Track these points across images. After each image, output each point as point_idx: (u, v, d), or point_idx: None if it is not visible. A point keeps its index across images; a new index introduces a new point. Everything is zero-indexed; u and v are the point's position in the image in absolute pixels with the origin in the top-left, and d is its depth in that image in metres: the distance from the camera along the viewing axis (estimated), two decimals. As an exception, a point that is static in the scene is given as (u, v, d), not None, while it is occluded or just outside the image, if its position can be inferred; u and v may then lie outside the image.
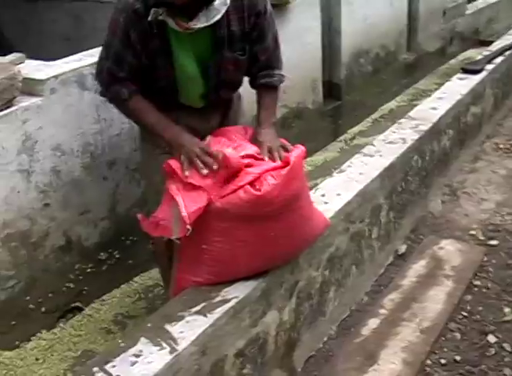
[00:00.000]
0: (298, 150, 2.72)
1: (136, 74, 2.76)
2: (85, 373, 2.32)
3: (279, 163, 2.63)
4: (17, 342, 3.18)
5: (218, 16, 2.65)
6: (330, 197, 3.32)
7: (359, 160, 3.76)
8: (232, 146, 2.69)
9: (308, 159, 5.15)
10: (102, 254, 3.58)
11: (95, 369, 2.30)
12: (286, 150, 2.74)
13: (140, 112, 2.80)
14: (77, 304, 3.42)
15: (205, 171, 2.56)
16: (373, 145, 3.97)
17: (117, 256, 3.64)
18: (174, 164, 2.62)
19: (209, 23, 2.64)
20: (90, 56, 3.37)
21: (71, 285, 3.38)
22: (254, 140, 2.79)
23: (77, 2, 5.79)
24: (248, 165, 2.58)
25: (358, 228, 3.44)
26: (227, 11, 2.68)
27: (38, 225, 3.19)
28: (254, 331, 2.71)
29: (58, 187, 3.24)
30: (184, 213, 2.48)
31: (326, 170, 4.51)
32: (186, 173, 2.58)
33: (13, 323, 3.09)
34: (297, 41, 4.98)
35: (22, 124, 2.95)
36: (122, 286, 3.61)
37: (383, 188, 3.66)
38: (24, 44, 5.82)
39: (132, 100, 2.78)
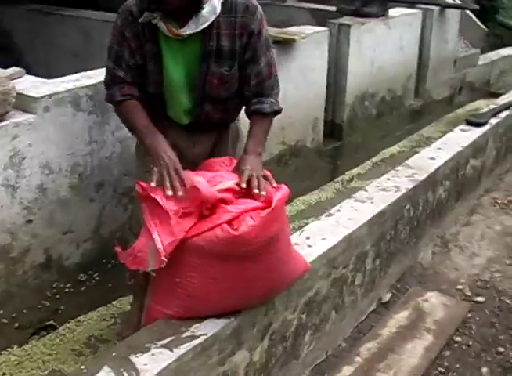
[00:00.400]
0: (282, 191, 2.68)
1: (134, 76, 2.85)
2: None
3: (262, 194, 2.60)
4: None
5: (206, 24, 2.71)
6: (315, 240, 3.30)
7: (349, 205, 3.74)
8: (209, 177, 2.67)
9: (302, 198, 5.15)
10: (82, 274, 3.54)
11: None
12: (268, 182, 2.71)
13: (130, 115, 2.85)
14: (52, 322, 3.39)
15: (169, 193, 2.53)
16: (365, 190, 3.96)
17: (97, 278, 3.61)
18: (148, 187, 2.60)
19: (197, 30, 2.71)
20: (88, 78, 3.37)
21: (47, 303, 3.34)
22: (236, 168, 2.77)
23: (86, 19, 5.83)
24: (225, 200, 2.56)
25: (341, 273, 3.41)
26: (218, 26, 2.76)
27: (19, 241, 3.17)
28: (221, 369, 2.68)
29: (43, 205, 3.21)
30: (159, 245, 2.48)
31: (318, 210, 4.50)
32: (152, 184, 2.57)
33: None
34: (302, 78, 4.98)
35: (11, 140, 2.94)
36: (99, 309, 3.58)
37: (371, 235, 3.63)
38: (33, 54, 5.88)
39: (124, 104, 2.86)
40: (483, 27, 9.04)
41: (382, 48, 6.11)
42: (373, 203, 3.78)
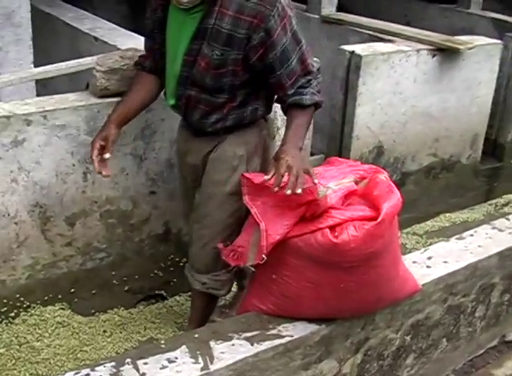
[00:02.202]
0: (393, 201, 2.50)
1: (153, 45, 2.80)
2: (119, 360, 2.37)
3: (298, 192, 2.36)
4: (92, 311, 3.29)
5: None
6: (436, 262, 3.14)
7: (485, 232, 3.52)
8: (324, 172, 2.62)
9: (448, 214, 4.93)
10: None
11: (128, 360, 2.36)
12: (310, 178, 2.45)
13: (129, 86, 2.87)
14: (162, 292, 3.48)
15: (288, 192, 2.35)
16: (507, 219, 3.72)
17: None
18: (261, 178, 2.56)
19: (197, 1, 2.51)
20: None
21: (160, 273, 3.43)
22: (274, 158, 2.51)
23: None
24: (332, 207, 2.49)
25: (459, 301, 3.23)
26: (222, 5, 2.50)
27: (140, 210, 3.26)
28: (304, 374, 2.63)
29: (168, 179, 3.28)
30: (264, 242, 2.46)
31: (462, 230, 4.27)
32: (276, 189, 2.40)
33: (94, 292, 3.19)
34: (465, 91, 4.73)
35: (145, 112, 3.02)
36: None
37: (501, 267, 3.40)
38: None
39: (135, 73, 2.88)
40: None
41: None
42: (511, 233, 3.54)
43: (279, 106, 2.82)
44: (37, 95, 3.80)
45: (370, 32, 4.87)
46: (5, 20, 3.74)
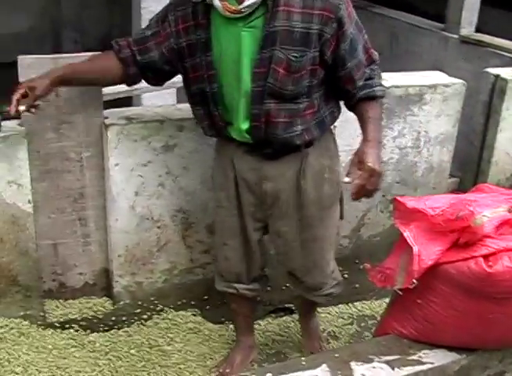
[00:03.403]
0: None
1: (143, 51, 2.49)
2: (259, 374, 2.40)
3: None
4: (223, 319, 3.31)
5: None
6: None
7: None
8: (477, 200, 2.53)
9: None
10: (333, 270, 3.61)
11: (269, 374, 2.36)
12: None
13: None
14: (291, 306, 3.47)
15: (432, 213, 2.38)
16: None
17: (346, 276, 3.63)
18: (415, 203, 2.53)
19: (255, 5, 2.27)
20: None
21: (292, 287, 3.43)
22: (356, 159, 2.39)
23: (394, 20, 5.81)
24: (487, 235, 2.42)
25: None
26: (287, 3, 2.29)
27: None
28: (440, 403, 2.58)
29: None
30: (415, 267, 2.41)
31: None
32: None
33: (225, 300, 3.22)
34: None
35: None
36: (340, 305, 3.59)
37: None
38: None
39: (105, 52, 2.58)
40: None
41: None
42: None
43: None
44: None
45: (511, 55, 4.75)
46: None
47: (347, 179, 2.35)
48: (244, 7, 2.27)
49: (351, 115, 2.58)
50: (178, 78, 2.52)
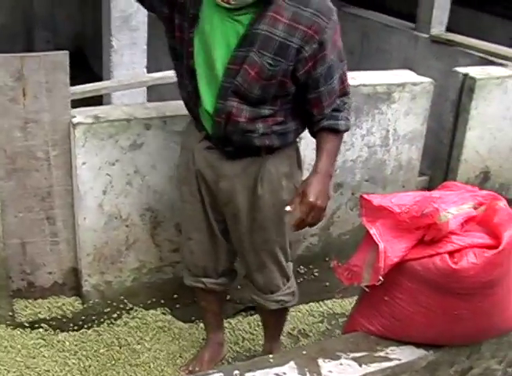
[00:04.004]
0: None
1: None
2: (227, 371, 2.39)
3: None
4: (193, 318, 3.31)
5: None
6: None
7: None
8: (441, 197, 2.56)
9: None
10: (302, 267, 3.62)
11: (236, 372, 2.38)
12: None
13: None
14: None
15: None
16: None
17: (316, 274, 3.66)
18: (381, 200, 2.55)
19: (250, 0, 2.26)
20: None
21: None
22: (301, 192, 2.41)
23: (366, 19, 5.83)
24: (452, 232, 2.45)
25: None
26: (277, 11, 2.28)
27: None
28: (407, 398, 2.60)
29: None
30: (381, 264, 2.44)
31: None
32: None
33: (195, 299, 3.22)
34: None
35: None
36: (311, 303, 3.60)
37: None
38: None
39: None
40: None
41: None
42: None
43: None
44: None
45: (481, 54, 4.78)
46: (122, 23, 3.84)
47: (288, 208, 2.39)
48: (236, 1, 2.27)
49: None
50: (148, 77, 2.52)
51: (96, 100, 3.69)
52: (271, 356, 2.51)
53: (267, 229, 2.65)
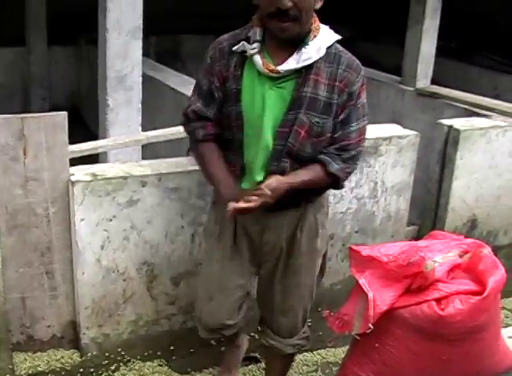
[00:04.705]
0: (498, 276, 2.59)
1: (217, 116, 2.59)
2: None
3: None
4: (189, 369, 3.34)
5: (309, 62, 2.44)
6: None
7: None
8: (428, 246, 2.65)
9: None
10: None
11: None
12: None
13: (210, 160, 2.61)
14: (256, 355, 3.53)
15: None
16: None
17: (309, 324, 3.70)
18: (369, 251, 2.65)
19: (298, 66, 2.43)
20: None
21: (256, 336, 3.49)
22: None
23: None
24: (438, 279, 2.54)
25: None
26: (317, 73, 2.46)
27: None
28: None
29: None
30: (371, 312, 2.52)
31: None
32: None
33: (191, 350, 3.27)
34: None
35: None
36: (305, 353, 3.64)
37: None
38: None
39: (206, 144, 2.62)
40: None
41: None
42: None
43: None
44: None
45: (466, 106, 4.92)
46: (118, 83, 3.94)
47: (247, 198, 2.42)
48: (284, 70, 2.44)
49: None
50: (143, 136, 2.60)
51: (93, 158, 3.79)
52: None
53: (301, 273, 2.76)
